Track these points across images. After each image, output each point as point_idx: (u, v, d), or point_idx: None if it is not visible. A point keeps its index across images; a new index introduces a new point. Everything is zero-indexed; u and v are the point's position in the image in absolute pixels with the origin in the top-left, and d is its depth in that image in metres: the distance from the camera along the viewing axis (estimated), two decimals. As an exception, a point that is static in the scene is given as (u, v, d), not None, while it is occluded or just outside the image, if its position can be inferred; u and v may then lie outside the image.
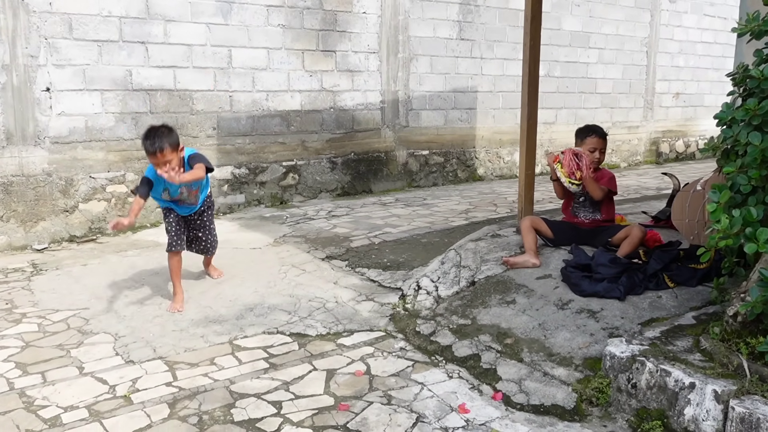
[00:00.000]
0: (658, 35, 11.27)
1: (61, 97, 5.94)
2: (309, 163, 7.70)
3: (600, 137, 4.23)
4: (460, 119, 9.04)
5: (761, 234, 2.58)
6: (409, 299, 4.24)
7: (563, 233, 4.31)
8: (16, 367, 3.41)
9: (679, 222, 4.07)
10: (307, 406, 2.99)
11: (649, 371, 2.74)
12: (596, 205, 4.27)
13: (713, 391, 2.52)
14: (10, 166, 5.75)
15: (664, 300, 3.50)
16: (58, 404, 3.02)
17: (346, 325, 3.97)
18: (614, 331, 3.28)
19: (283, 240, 5.85)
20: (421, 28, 8.42)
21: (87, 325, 3.98)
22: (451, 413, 2.92)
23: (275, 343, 3.71)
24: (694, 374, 2.63)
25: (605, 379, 2.94)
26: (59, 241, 6.02)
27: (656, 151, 11.66)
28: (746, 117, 2.78)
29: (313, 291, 4.53)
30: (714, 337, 2.84)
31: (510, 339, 3.46)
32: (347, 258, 5.25)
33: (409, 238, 5.77)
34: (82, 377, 3.30)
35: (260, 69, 7.15)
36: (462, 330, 3.67)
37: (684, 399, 2.60)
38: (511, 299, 3.80)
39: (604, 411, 2.88)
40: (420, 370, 3.36)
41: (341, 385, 3.20)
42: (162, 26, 6.43)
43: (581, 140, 4.23)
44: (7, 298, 4.49)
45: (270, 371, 3.36)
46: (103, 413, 2.94)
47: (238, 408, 2.98)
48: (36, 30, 5.75)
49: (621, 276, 3.62)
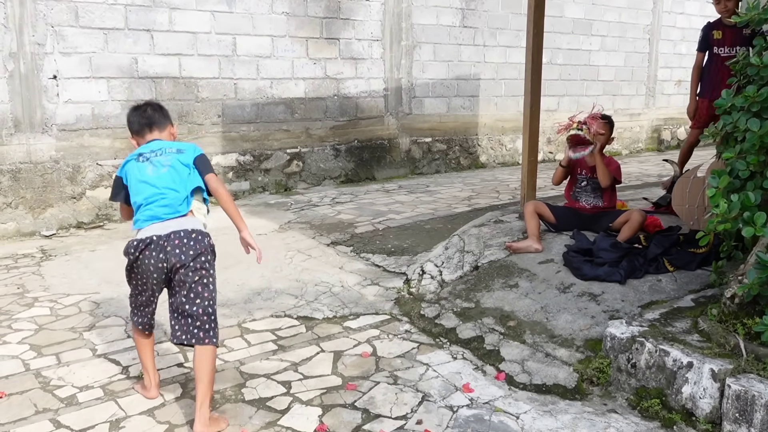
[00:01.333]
0: (661, 22, 11.27)
1: (67, 85, 6.00)
2: (313, 151, 7.76)
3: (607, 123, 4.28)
4: (463, 107, 9.08)
5: (758, 218, 2.65)
6: (414, 283, 4.32)
7: (565, 218, 4.38)
8: (31, 349, 3.50)
9: (679, 207, 4.14)
10: (315, 386, 3.07)
11: (649, 351, 2.82)
12: (598, 191, 4.34)
13: (710, 370, 2.60)
14: (18, 153, 5.82)
15: (663, 283, 3.57)
16: (73, 384, 3.11)
17: (352, 308, 4.05)
18: (615, 314, 3.36)
19: (288, 226, 5.93)
20: (424, 16, 8.45)
21: (98, 309, 4.07)
22: (455, 392, 3.00)
23: (283, 326, 3.79)
24: (692, 354, 2.71)
25: (606, 359, 3.02)
26: (67, 227, 6.10)
27: (658, 138, 11.70)
28: (745, 104, 2.84)
29: (319, 276, 4.61)
30: (712, 318, 2.92)
31: (513, 321, 3.54)
32: (352, 244, 5.33)
33: (413, 224, 5.84)
34: (95, 358, 3.39)
35: (264, 57, 7.19)
36: (466, 313, 3.75)
37: (682, 378, 2.68)
38: (514, 283, 3.88)
39: (604, 390, 2.96)
40: (425, 351, 3.45)
41: (348, 366, 3.28)
42: (167, 14, 6.47)
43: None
44: (19, 282, 4.57)
45: (279, 353, 3.45)
46: (117, 393, 3.03)
47: (249, 387, 3.07)
48: (43, 18, 5.79)
49: (622, 260, 3.69)
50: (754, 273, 2.65)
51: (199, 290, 2.71)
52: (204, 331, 2.70)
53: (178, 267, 2.69)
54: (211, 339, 2.71)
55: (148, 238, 2.71)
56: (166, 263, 2.69)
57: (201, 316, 2.70)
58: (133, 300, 2.94)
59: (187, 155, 2.90)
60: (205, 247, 2.77)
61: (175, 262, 2.68)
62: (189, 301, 2.69)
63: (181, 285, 2.70)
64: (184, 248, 2.70)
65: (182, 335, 2.71)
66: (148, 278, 2.75)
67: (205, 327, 2.70)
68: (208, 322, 2.72)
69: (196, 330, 2.70)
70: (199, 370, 2.69)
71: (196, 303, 2.69)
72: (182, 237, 2.72)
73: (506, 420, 2.75)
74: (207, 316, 2.72)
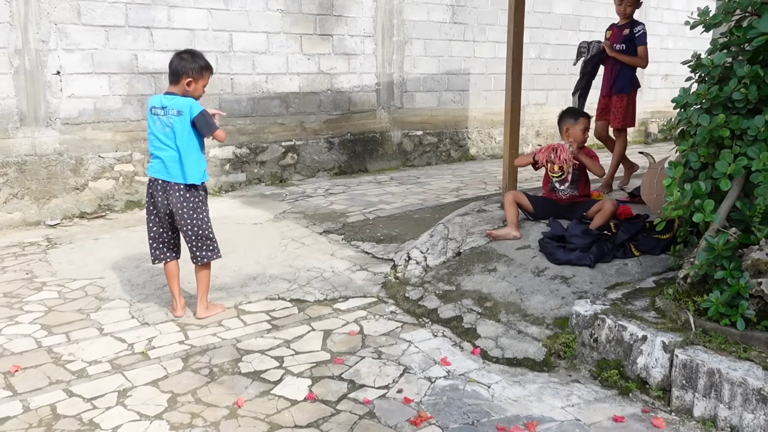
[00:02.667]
0: (648, 18, 11.51)
1: (70, 80, 6.25)
2: (307, 144, 8.02)
3: (588, 118, 4.61)
4: (453, 101, 9.34)
5: (707, 205, 2.93)
6: (400, 269, 4.59)
7: (543, 207, 4.66)
8: (42, 329, 3.76)
9: (647, 197, 4.41)
10: (306, 360, 3.35)
11: (609, 327, 3.10)
12: (573, 183, 4.61)
13: (662, 342, 2.87)
14: (23, 146, 6.07)
15: (629, 267, 3.85)
16: (83, 359, 3.38)
17: (341, 292, 4.33)
18: (583, 295, 3.63)
19: (282, 216, 6.19)
20: (415, 12, 8.69)
21: (103, 293, 4.33)
22: (434, 366, 3.28)
23: (277, 308, 4.06)
24: (647, 329, 2.99)
25: (571, 335, 3.30)
26: (71, 217, 6.36)
27: (645, 131, 11.97)
28: (698, 101, 3.11)
29: (311, 262, 4.88)
30: (667, 297, 3.20)
31: (490, 302, 3.81)
32: (343, 232, 5.60)
33: (402, 214, 6.12)
34: (102, 337, 3.66)
35: (260, 53, 7.44)
36: (447, 295, 4.03)
37: (637, 350, 2.96)
38: (493, 267, 4.16)
39: (569, 363, 3.24)
40: (408, 330, 3.73)
41: (337, 343, 3.56)
42: (166, 11, 6.71)
43: (574, 120, 4.56)
44: (27, 269, 4.84)
45: (272, 332, 3.72)
46: (124, 366, 3.30)
47: (245, 362, 3.34)
48: (46, 16, 6.03)
49: (592, 246, 3.97)
50: (703, 255, 2.92)
51: (190, 232, 3.78)
52: (198, 254, 3.83)
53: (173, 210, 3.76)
54: (203, 259, 3.84)
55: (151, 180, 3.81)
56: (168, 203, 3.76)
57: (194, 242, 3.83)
58: (148, 236, 3.92)
59: (186, 118, 3.66)
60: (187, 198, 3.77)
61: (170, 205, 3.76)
62: (183, 233, 3.82)
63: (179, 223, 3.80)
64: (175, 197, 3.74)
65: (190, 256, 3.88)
66: (153, 215, 3.84)
67: (199, 250, 3.83)
68: (200, 246, 3.82)
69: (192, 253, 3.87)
70: (198, 278, 3.93)
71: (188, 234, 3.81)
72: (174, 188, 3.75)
73: (478, 389, 3.03)
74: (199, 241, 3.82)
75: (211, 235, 3.84)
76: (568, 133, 4.62)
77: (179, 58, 3.69)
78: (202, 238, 3.80)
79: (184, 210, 3.73)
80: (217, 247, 3.91)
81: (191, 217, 3.75)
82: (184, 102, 3.66)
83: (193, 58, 3.70)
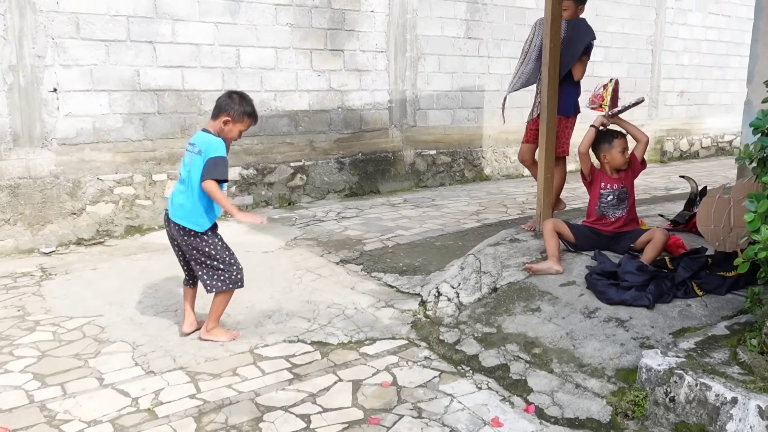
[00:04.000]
0: (663, 33, 11.23)
1: (68, 98, 5.85)
2: (317, 164, 7.63)
3: (623, 137, 4.26)
4: (467, 118, 8.98)
5: (803, 246, 2.53)
6: (430, 306, 4.18)
7: (585, 237, 4.27)
8: (34, 379, 3.34)
9: (704, 228, 4.02)
10: (336, 420, 2.93)
11: (689, 385, 2.69)
12: (623, 203, 4.24)
13: (757, 407, 2.47)
14: (17, 168, 5.66)
15: (693, 309, 3.45)
16: (80, 418, 2.96)
17: (367, 332, 3.91)
18: (645, 341, 3.23)
19: (294, 243, 5.78)
20: (428, 27, 8.35)
21: (103, 333, 3.91)
22: (484, 427, 2.86)
23: (297, 352, 3.65)
24: (736, 388, 2.58)
25: (641, 391, 2.88)
26: (67, 243, 5.94)
27: (661, 149, 11.62)
28: (786, 126, 2.72)
29: (330, 297, 4.47)
30: (752, 349, 2.80)
31: (538, 348, 3.40)
32: (362, 262, 5.19)
33: (423, 240, 5.71)
34: (102, 389, 3.24)
35: (268, 69, 7.06)
36: (487, 339, 3.62)
37: (726, 414, 2.55)
38: (536, 307, 3.75)
39: (640, 425, 2.83)
40: (447, 380, 3.31)
41: (369, 397, 3.14)
42: (170, 25, 6.34)
43: (609, 143, 4.22)
44: (19, 304, 4.41)
45: (295, 382, 3.30)
46: (128, 428, 2.88)
47: (266, 422, 2.92)
48: (43, 30, 5.65)
49: (649, 284, 3.57)
50: (801, 304, 2.52)
51: (197, 264, 3.67)
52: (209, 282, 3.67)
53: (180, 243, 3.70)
54: (212, 288, 3.67)
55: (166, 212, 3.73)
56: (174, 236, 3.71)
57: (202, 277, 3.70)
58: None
59: (202, 159, 3.50)
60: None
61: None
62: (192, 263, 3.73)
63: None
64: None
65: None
66: (172, 243, 3.81)
67: (210, 279, 3.67)
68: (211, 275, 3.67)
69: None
70: (212, 302, 3.77)
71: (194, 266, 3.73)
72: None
73: (540, 458, 2.62)
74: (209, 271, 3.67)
75: (221, 266, 3.67)
76: (606, 160, 4.27)
77: (228, 96, 3.63)
78: (210, 268, 3.66)
79: (184, 244, 3.69)
80: (233, 277, 3.70)
81: (195, 249, 3.65)
82: (210, 142, 3.55)
83: (241, 101, 3.61)
